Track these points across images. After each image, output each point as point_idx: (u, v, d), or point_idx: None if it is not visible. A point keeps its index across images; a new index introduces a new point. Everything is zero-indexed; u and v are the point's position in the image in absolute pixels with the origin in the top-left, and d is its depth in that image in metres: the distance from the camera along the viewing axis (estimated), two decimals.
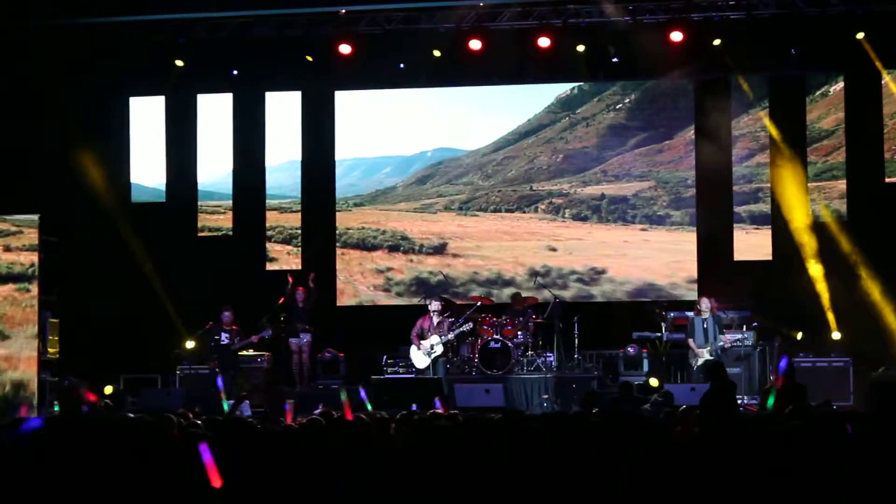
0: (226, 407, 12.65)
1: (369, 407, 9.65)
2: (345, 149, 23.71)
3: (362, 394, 14.69)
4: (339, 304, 23.24)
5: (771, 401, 13.76)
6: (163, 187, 23.61)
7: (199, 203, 23.61)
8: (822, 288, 20.49)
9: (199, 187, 23.61)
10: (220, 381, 18.26)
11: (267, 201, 23.58)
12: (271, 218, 23.59)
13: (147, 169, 23.64)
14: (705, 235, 22.32)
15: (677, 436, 9.99)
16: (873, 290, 20.13)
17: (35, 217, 20.17)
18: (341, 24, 21.63)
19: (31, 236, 19.94)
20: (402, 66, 22.32)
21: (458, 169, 23.94)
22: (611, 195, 23.12)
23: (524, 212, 23.43)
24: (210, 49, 22.11)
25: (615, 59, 21.79)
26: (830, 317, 20.36)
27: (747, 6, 20.71)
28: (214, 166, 23.72)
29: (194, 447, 8.07)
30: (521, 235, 23.36)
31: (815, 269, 20.74)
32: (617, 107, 23.43)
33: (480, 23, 21.45)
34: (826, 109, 22.34)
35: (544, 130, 23.65)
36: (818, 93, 22.37)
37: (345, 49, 21.78)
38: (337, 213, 23.57)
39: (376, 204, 23.81)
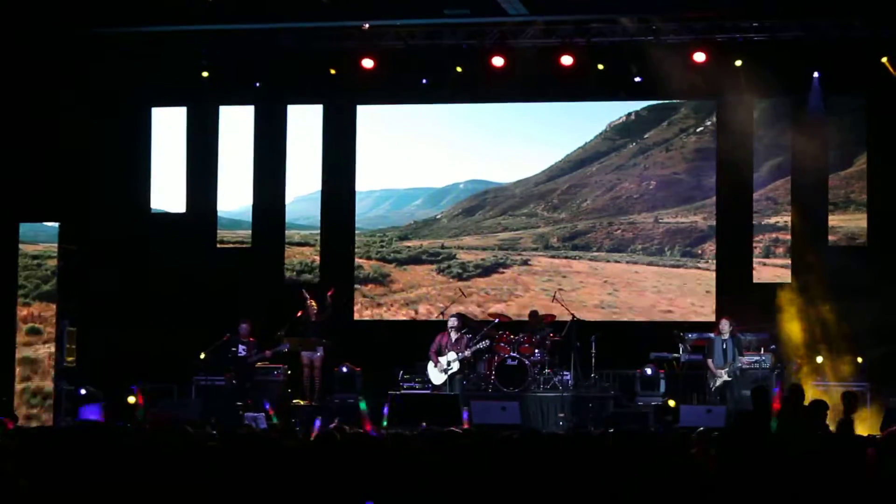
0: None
1: (385, 423, 9.59)
2: (373, 179, 23.64)
3: (385, 410, 14.53)
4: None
5: (774, 425, 13.75)
6: (181, 208, 23.56)
7: (220, 231, 23.53)
8: (841, 311, 20.31)
9: (219, 196, 23.57)
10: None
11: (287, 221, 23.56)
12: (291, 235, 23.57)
13: (166, 184, 23.64)
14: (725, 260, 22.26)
15: (693, 458, 9.93)
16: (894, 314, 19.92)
17: (55, 225, 20.27)
18: (365, 39, 21.65)
19: None
20: (424, 81, 22.30)
21: (511, 199, 23.44)
22: None
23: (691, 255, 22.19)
24: (233, 60, 22.13)
25: (638, 79, 21.72)
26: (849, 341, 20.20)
27: (770, 28, 20.67)
28: (234, 179, 23.67)
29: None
30: None
31: (834, 293, 20.60)
32: (698, 130, 22.79)
33: (503, 40, 21.43)
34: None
35: (608, 157, 23.03)
36: None
37: (367, 63, 21.79)
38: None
39: (422, 237, 23.48)
